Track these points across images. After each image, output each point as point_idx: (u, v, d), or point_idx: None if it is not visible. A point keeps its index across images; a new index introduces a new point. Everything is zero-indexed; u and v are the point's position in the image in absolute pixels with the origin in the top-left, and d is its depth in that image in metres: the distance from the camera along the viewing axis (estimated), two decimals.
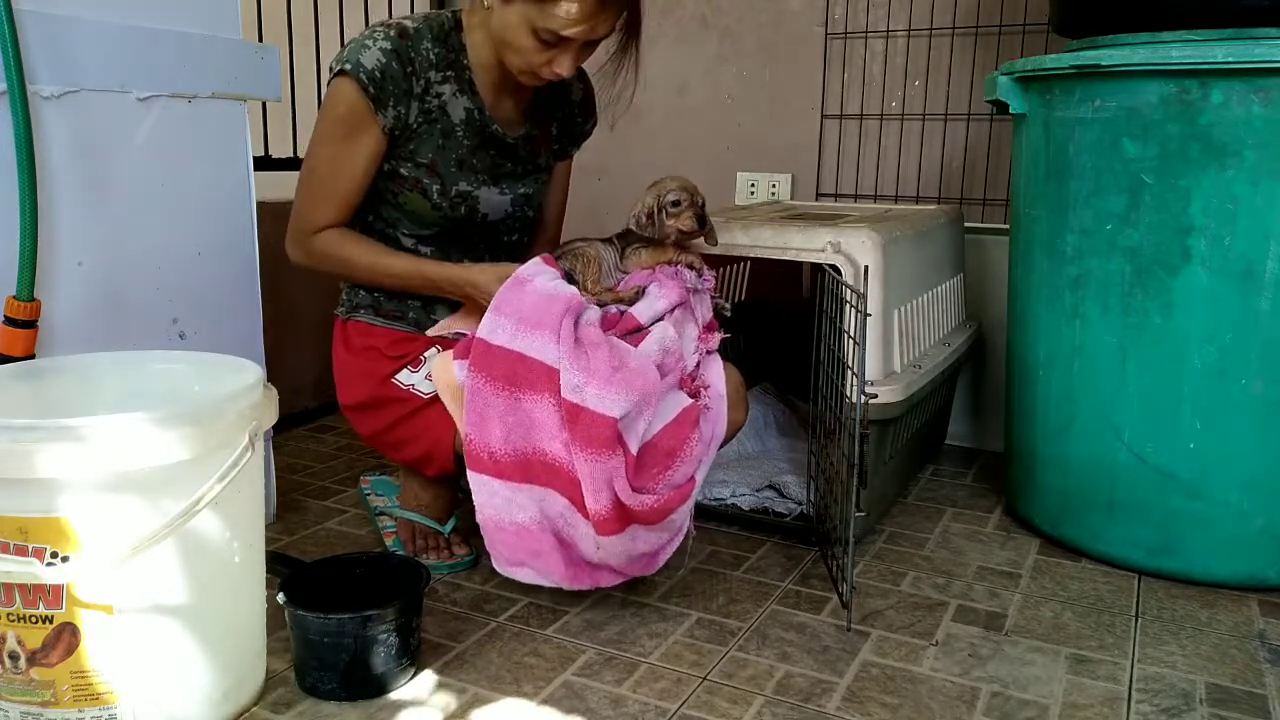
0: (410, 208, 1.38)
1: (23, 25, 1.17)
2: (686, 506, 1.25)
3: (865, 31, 2.22)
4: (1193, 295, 1.38)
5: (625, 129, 2.51)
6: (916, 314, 1.65)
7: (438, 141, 1.36)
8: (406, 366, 1.38)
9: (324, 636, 1.10)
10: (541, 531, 1.25)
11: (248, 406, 1.02)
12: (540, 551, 1.25)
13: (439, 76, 1.35)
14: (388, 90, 1.29)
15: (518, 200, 1.46)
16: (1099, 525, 1.52)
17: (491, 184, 1.42)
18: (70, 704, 0.96)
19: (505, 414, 1.23)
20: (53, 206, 1.25)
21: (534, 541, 1.25)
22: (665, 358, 1.29)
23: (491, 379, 1.23)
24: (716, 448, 1.33)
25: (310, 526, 1.62)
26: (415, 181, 1.36)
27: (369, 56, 1.28)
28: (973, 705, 1.14)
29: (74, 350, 1.24)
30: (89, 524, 0.93)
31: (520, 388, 1.23)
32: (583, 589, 1.29)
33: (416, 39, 1.33)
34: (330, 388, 1.50)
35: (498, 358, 1.24)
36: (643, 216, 1.40)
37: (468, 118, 1.37)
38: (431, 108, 1.35)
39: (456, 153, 1.38)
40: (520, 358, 1.23)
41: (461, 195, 1.39)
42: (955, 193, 2.19)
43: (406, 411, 1.37)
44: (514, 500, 1.24)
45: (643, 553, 1.26)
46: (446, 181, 1.37)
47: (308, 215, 1.36)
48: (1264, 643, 1.30)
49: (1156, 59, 1.34)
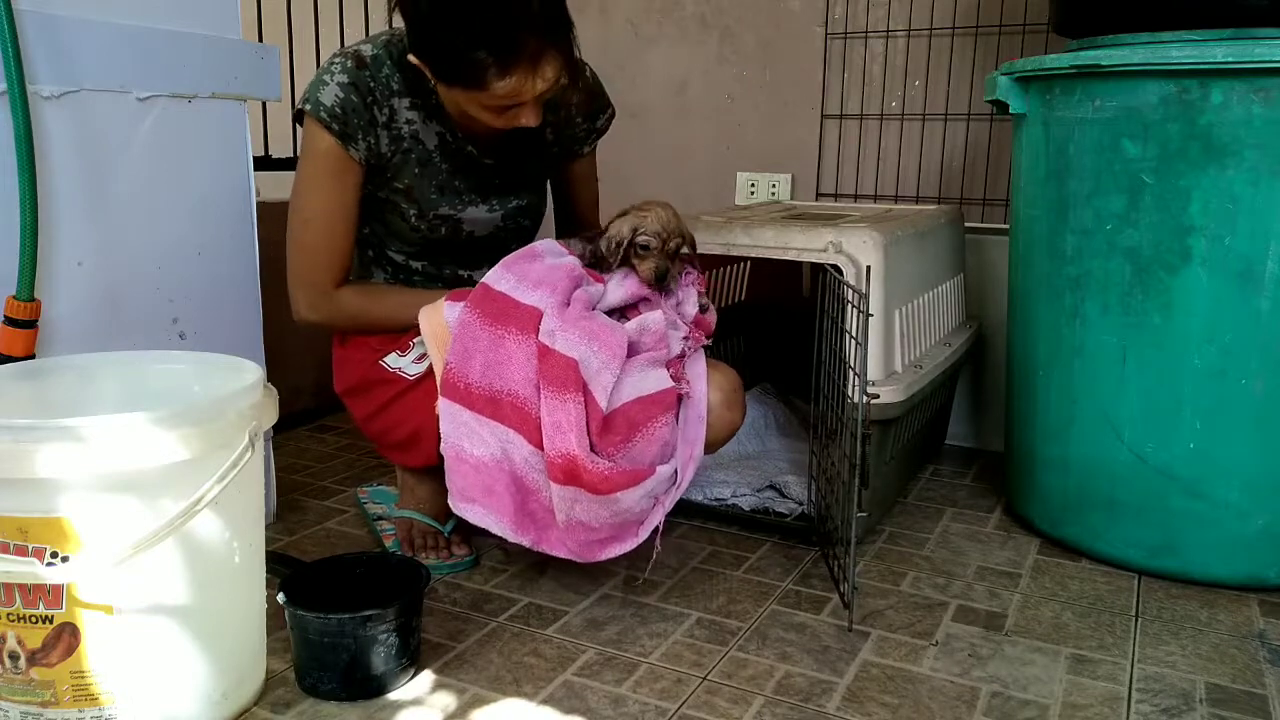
0: (394, 228, 1.41)
1: (23, 25, 1.17)
2: (636, 493, 1.22)
3: (865, 31, 2.22)
4: (1193, 295, 1.38)
5: (625, 129, 2.51)
6: (917, 314, 1.65)
7: (414, 170, 1.36)
8: (395, 350, 1.41)
9: (324, 636, 1.10)
10: (498, 469, 1.25)
11: (248, 406, 1.02)
12: (493, 490, 1.26)
13: (405, 104, 1.34)
14: (352, 124, 1.29)
15: (510, 214, 1.45)
16: (1099, 525, 1.52)
17: (480, 202, 1.42)
18: (70, 704, 0.96)
19: (488, 349, 1.25)
20: (53, 206, 1.25)
21: (489, 478, 1.26)
22: (643, 335, 1.30)
23: (483, 315, 1.27)
24: (699, 451, 1.31)
25: (310, 526, 1.62)
26: (394, 206, 1.37)
27: (327, 94, 1.29)
28: (973, 705, 1.14)
29: (74, 350, 1.24)
30: (89, 524, 0.93)
31: (508, 327, 1.25)
32: (522, 544, 1.29)
33: (375, 66, 1.31)
34: (331, 388, 1.51)
35: (495, 299, 1.27)
36: (612, 243, 1.33)
37: (440, 143, 1.37)
38: (403, 134, 1.34)
39: (436, 179, 1.38)
40: (515, 303, 1.27)
41: (441, 218, 1.40)
42: (955, 193, 2.19)
43: (393, 393, 1.39)
44: (478, 433, 1.25)
45: (580, 521, 1.24)
46: (424, 207, 1.38)
47: (318, 274, 1.36)
48: (1264, 643, 1.30)
49: (1156, 59, 1.34)
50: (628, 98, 2.41)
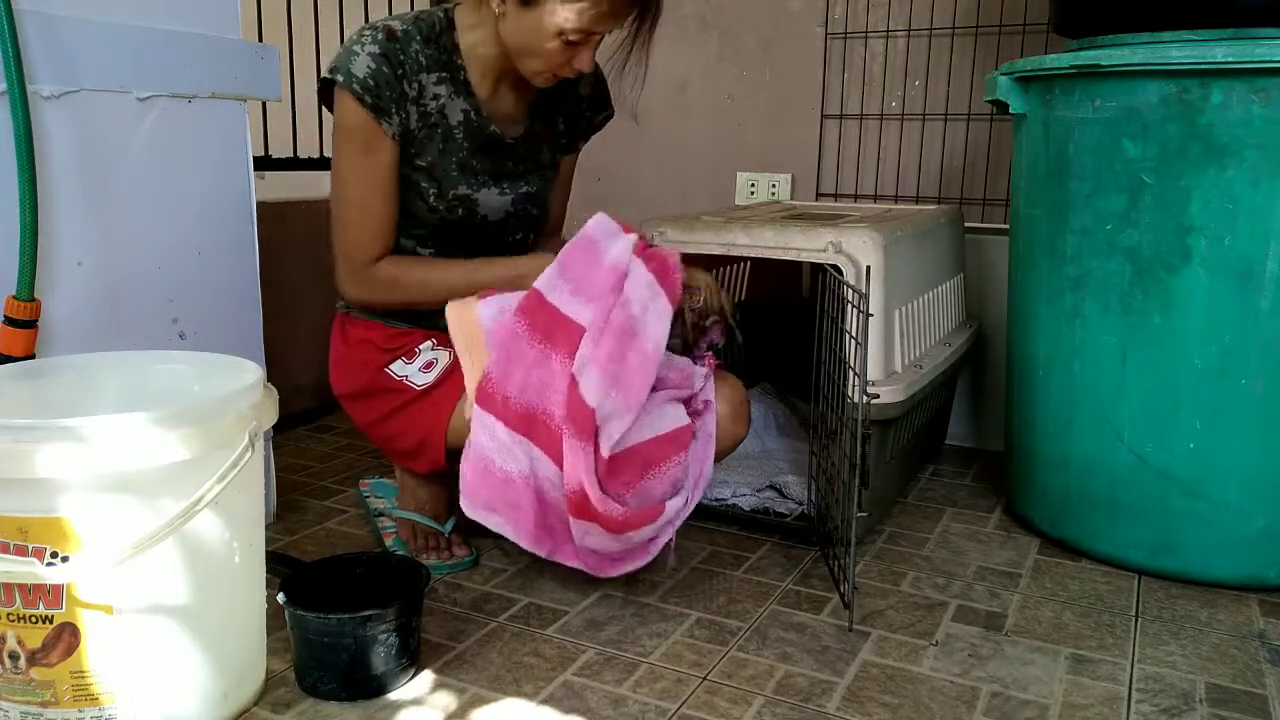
0: (408, 208, 1.38)
1: (23, 25, 1.17)
2: (647, 530, 1.25)
3: (865, 31, 2.22)
4: (1193, 295, 1.38)
5: (625, 129, 2.51)
6: (917, 314, 1.65)
7: (439, 146, 1.35)
8: (400, 358, 1.39)
9: (324, 636, 1.10)
10: (525, 486, 1.25)
11: (248, 406, 1.02)
12: (519, 505, 1.26)
13: (433, 79, 1.33)
14: (385, 97, 1.28)
15: (519, 199, 1.45)
16: (1099, 525, 1.52)
17: (492, 184, 1.41)
18: (70, 704, 0.96)
19: (532, 366, 1.23)
20: (53, 206, 1.25)
21: (515, 494, 1.25)
22: (669, 371, 1.29)
23: (532, 328, 1.24)
24: (709, 469, 1.33)
25: (310, 526, 1.62)
26: (413, 185, 1.36)
27: (359, 65, 1.27)
28: (973, 705, 1.14)
29: (74, 350, 1.24)
30: (89, 524, 0.93)
31: (555, 345, 1.24)
32: (538, 554, 1.29)
33: (405, 41, 1.31)
34: (331, 388, 1.50)
35: (546, 311, 1.25)
36: None
37: (465, 120, 1.37)
38: (430, 110, 1.34)
39: (457, 155, 1.37)
40: (564, 319, 1.24)
41: (459, 199, 1.38)
42: (955, 193, 2.19)
43: (399, 403, 1.37)
44: (510, 450, 1.24)
45: (591, 549, 1.27)
46: (444, 185, 1.37)
47: (361, 248, 1.35)
48: (1264, 643, 1.30)
49: (1156, 59, 1.34)
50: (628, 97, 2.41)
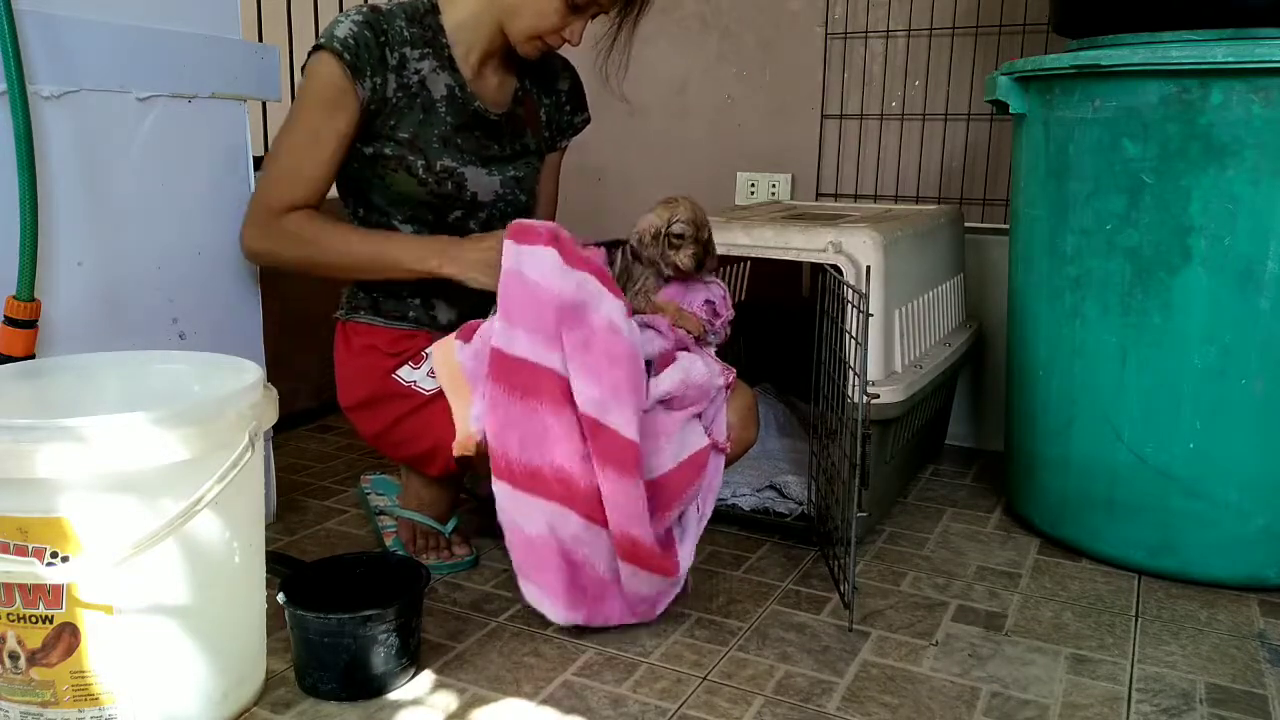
0: (398, 189, 1.37)
1: (23, 25, 1.17)
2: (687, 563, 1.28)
3: (865, 31, 2.22)
4: (1193, 295, 1.38)
5: (625, 129, 2.51)
6: (917, 314, 1.65)
7: (418, 117, 1.36)
8: (407, 363, 1.38)
9: (324, 636, 1.10)
10: (545, 546, 1.22)
11: (248, 406, 1.02)
12: (544, 566, 1.23)
13: (416, 54, 1.36)
14: (363, 58, 1.30)
15: (507, 183, 1.45)
16: (1099, 525, 1.52)
17: (479, 165, 1.41)
18: (70, 704, 0.96)
19: (522, 421, 1.21)
20: (53, 206, 1.25)
21: (538, 555, 1.23)
22: (687, 390, 1.28)
23: (510, 389, 1.21)
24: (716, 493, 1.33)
25: (310, 526, 1.62)
26: (399, 160, 1.36)
27: (342, 29, 1.30)
28: (973, 705, 1.14)
29: (74, 350, 1.24)
30: (89, 524, 0.93)
31: (539, 398, 1.21)
32: (575, 623, 1.25)
33: (390, 17, 1.35)
34: (331, 387, 1.50)
35: (515, 369, 1.21)
36: (646, 235, 1.34)
37: (449, 94, 1.38)
38: (410, 83, 1.35)
39: (439, 129, 1.38)
40: (534, 369, 1.21)
41: (447, 170, 1.38)
42: (955, 193, 2.19)
43: (408, 409, 1.36)
44: (524, 510, 1.22)
45: (644, 595, 1.26)
46: (430, 156, 1.37)
47: (276, 193, 1.33)
48: (1264, 643, 1.30)
49: (1156, 59, 1.34)
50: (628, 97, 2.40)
